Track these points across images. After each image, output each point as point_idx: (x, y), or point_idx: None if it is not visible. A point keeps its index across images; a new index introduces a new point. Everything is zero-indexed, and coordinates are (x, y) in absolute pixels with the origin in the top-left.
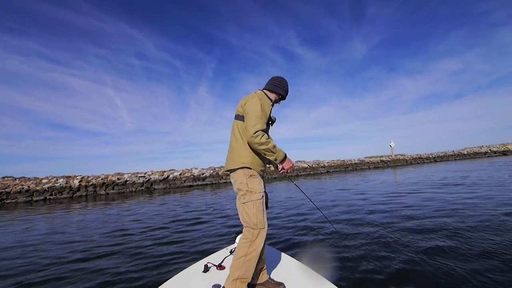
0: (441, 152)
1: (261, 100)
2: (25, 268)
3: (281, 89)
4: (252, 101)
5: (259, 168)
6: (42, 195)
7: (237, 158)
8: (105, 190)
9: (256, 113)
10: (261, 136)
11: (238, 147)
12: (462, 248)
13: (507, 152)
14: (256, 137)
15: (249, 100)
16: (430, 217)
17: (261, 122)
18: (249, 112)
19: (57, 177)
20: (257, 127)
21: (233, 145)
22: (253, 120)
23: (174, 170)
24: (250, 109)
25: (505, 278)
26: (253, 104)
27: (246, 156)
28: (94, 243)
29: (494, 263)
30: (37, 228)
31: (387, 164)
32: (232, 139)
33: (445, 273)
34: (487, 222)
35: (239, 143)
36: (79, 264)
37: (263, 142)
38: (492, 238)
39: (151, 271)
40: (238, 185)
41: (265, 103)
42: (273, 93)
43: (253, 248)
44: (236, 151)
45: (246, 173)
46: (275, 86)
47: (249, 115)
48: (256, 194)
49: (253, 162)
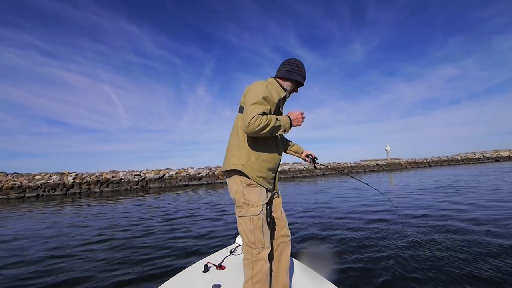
0: (436, 157)
1: (268, 86)
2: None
3: (297, 75)
4: (254, 86)
5: (256, 173)
6: (35, 192)
7: (229, 158)
8: (99, 187)
9: (256, 99)
10: (259, 119)
11: (233, 143)
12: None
13: (499, 158)
14: (253, 124)
15: (250, 86)
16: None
17: (261, 107)
18: (247, 99)
19: (50, 174)
20: (254, 112)
21: (229, 142)
22: (250, 107)
23: (170, 169)
24: (249, 95)
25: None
26: (255, 89)
27: (240, 155)
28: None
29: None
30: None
31: (383, 168)
32: (231, 135)
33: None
34: None
35: (235, 139)
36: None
37: (263, 125)
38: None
39: (150, 272)
40: (234, 194)
41: (273, 90)
42: (287, 80)
43: (257, 269)
44: (230, 148)
45: (243, 181)
46: (290, 71)
47: (247, 103)
48: (254, 208)
49: (247, 164)
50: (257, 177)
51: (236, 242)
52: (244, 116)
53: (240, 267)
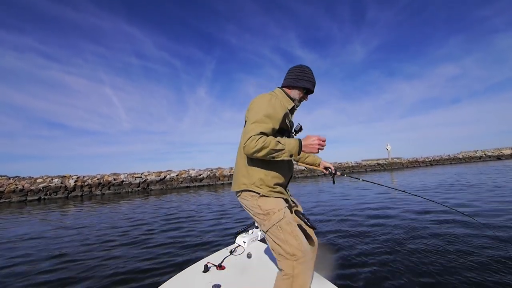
0: (437, 156)
1: (272, 100)
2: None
3: (305, 81)
4: (257, 101)
5: (267, 189)
6: (36, 195)
7: (238, 178)
8: (101, 190)
9: (257, 116)
10: (255, 140)
11: (240, 162)
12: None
13: (501, 156)
14: (248, 146)
15: (254, 100)
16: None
17: (261, 127)
18: (249, 116)
19: (52, 177)
20: (251, 132)
21: (236, 160)
22: (249, 126)
23: (171, 170)
24: (251, 112)
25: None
26: (257, 105)
27: (248, 174)
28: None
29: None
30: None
31: (384, 167)
32: (238, 153)
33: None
34: None
35: (242, 158)
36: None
37: (258, 148)
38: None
39: (149, 271)
40: (251, 211)
41: (277, 104)
42: (294, 89)
43: (298, 284)
44: (238, 167)
45: (254, 194)
46: (297, 79)
47: (248, 121)
48: (277, 214)
49: (256, 182)
50: (268, 191)
51: (236, 242)
52: (241, 136)
53: (240, 267)
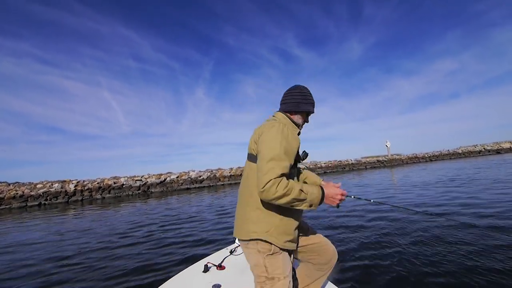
0: (437, 151)
1: (284, 131)
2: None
3: (306, 104)
4: (269, 134)
5: (284, 238)
6: (37, 200)
7: (246, 223)
8: (101, 194)
9: (273, 153)
10: (276, 185)
11: (246, 203)
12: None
13: (500, 150)
14: (268, 191)
15: (265, 131)
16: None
17: (280, 166)
18: (262, 151)
19: (52, 182)
20: (270, 174)
21: (240, 198)
22: (266, 165)
23: (171, 173)
24: (264, 147)
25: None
26: (271, 139)
27: (260, 221)
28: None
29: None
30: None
31: (384, 164)
32: (240, 189)
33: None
34: None
35: (248, 197)
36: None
37: (279, 195)
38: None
39: (149, 272)
40: (253, 268)
41: (290, 135)
42: (297, 114)
43: None
44: (243, 209)
45: (263, 250)
46: (299, 103)
47: (262, 157)
48: (281, 282)
49: (271, 231)
50: (284, 242)
51: (236, 242)
52: (258, 177)
53: (240, 267)
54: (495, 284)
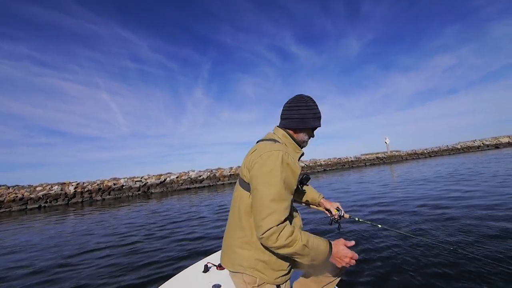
0: (436, 147)
1: (284, 160)
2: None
3: (313, 119)
4: (267, 166)
5: (273, 275)
6: (36, 203)
7: (232, 254)
8: (101, 195)
9: (273, 191)
10: (277, 234)
11: (235, 234)
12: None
13: (499, 145)
14: (268, 239)
15: (260, 162)
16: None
17: (281, 209)
18: (259, 188)
19: (51, 184)
20: (271, 221)
21: (230, 224)
22: (265, 208)
23: (171, 173)
24: (261, 182)
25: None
26: (268, 173)
27: (247, 256)
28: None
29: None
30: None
31: (383, 161)
32: (230, 217)
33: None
34: None
35: (237, 229)
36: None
37: (280, 245)
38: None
39: (150, 271)
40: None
41: (292, 163)
42: (302, 132)
43: None
44: (231, 239)
45: (249, 282)
46: (304, 119)
47: (260, 197)
48: None
49: (258, 266)
50: (274, 278)
51: None
52: (256, 219)
53: None
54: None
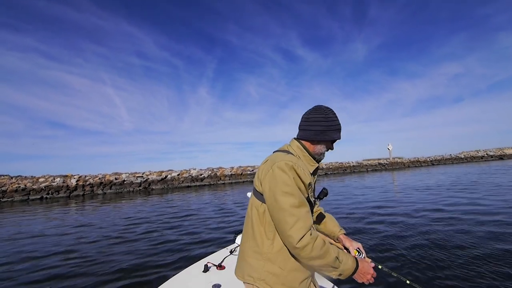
0: (439, 155)
1: (292, 171)
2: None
3: (333, 131)
4: (277, 176)
5: (288, 283)
6: (38, 194)
7: (244, 264)
8: (103, 189)
9: (290, 199)
10: (312, 244)
11: (247, 244)
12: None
13: (503, 156)
14: (303, 250)
15: (271, 173)
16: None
17: (303, 214)
18: (277, 198)
19: (54, 176)
20: (300, 228)
21: (244, 240)
22: (289, 217)
23: (172, 170)
24: (278, 193)
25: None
26: (281, 185)
27: (257, 267)
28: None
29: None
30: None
31: (385, 167)
32: (244, 226)
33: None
34: None
35: (250, 239)
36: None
37: (315, 255)
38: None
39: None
40: None
41: (302, 172)
42: (320, 144)
43: None
44: (244, 249)
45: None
46: (323, 131)
47: (281, 206)
48: None
49: (268, 279)
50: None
51: (236, 242)
52: (283, 230)
53: None
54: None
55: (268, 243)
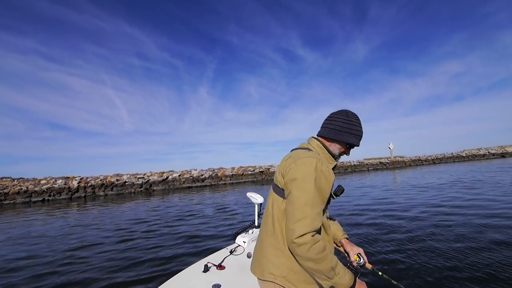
0: (440, 154)
1: (318, 166)
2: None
3: (349, 135)
4: (301, 171)
5: (308, 280)
6: (40, 196)
7: (264, 261)
8: (104, 191)
9: (306, 196)
10: (310, 245)
11: (267, 240)
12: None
13: (505, 154)
14: (299, 247)
15: (294, 168)
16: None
17: (313, 215)
18: (293, 191)
19: (55, 178)
20: (305, 225)
21: (261, 233)
22: (298, 212)
23: (173, 171)
24: (295, 186)
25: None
26: (302, 178)
27: (278, 264)
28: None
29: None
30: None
31: (386, 166)
32: (263, 223)
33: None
34: None
35: (270, 236)
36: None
37: (310, 257)
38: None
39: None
40: None
41: (326, 171)
42: (334, 142)
43: None
44: (263, 246)
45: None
46: (339, 131)
47: (293, 200)
48: None
49: (289, 276)
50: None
51: (236, 242)
52: (289, 222)
53: (240, 267)
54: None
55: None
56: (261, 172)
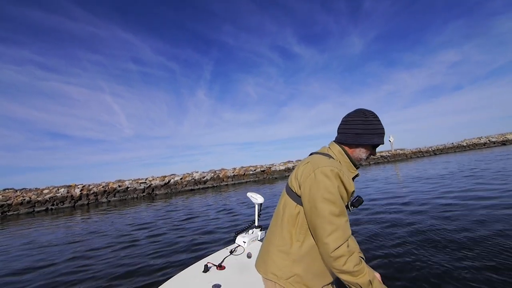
0: (441, 144)
1: (339, 176)
2: None
3: (372, 136)
4: (321, 181)
5: (311, 286)
6: (43, 206)
7: (267, 261)
8: (107, 197)
9: (331, 206)
10: (346, 257)
11: (274, 241)
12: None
13: (506, 142)
14: (336, 260)
15: (313, 177)
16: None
17: (342, 224)
18: (318, 206)
19: (58, 187)
20: (338, 237)
21: (270, 230)
22: (328, 225)
23: (175, 174)
24: (318, 201)
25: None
26: (323, 192)
27: (282, 266)
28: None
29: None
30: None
31: (387, 160)
32: (272, 223)
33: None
34: None
35: (278, 237)
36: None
37: (347, 270)
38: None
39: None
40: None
41: (347, 181)
42: (360, 147)
43: None
44: (270, 245)
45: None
46: (362, 134)
47: (320, 213)
48: None
49: (291, 279)
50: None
51: (236, 242)
52: (320, 236)
53: (240, 267)
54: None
55: (297, 245)
56: (262, 172)
